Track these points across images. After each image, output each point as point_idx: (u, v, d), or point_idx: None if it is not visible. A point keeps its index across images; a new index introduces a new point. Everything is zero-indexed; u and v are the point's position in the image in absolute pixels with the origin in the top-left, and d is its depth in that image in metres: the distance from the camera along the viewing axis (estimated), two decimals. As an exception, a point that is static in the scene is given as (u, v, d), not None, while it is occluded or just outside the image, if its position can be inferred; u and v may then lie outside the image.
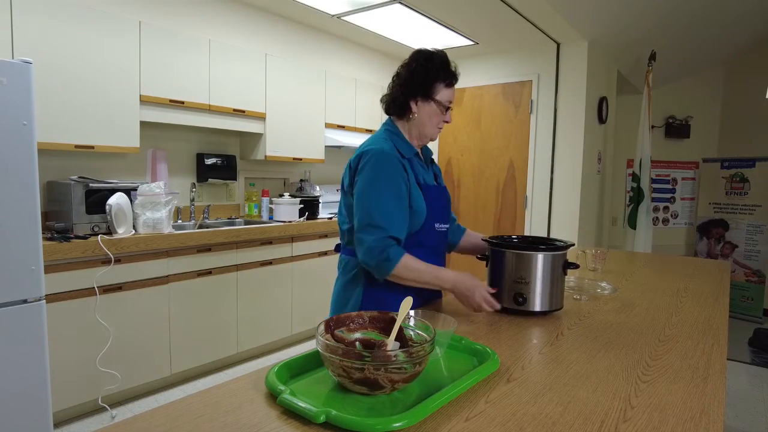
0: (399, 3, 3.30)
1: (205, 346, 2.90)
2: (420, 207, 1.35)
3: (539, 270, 1.30)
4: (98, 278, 2.37)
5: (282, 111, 3.54)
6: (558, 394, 0.84)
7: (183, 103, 2.92)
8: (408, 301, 0.93)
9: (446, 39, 4.18)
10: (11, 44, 2.24)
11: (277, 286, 3.29)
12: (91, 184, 2.51)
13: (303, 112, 3.71)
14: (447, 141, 4.91)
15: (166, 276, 2.66)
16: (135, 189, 2.65)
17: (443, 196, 1.47)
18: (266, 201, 3.59)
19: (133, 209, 2.61)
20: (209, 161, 3.38)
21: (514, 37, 4.12)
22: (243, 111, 3.26)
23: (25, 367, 1.87)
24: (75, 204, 2.44)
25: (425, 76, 1.36)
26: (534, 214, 4.40)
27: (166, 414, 0.75)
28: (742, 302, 4.63)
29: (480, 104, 4.66)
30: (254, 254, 3.11)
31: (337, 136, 3.97)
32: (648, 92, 4.40)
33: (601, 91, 4.46)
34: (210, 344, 2.92)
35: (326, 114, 3.92)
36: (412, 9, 3.41)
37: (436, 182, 1.51)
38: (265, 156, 3.46)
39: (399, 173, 1.31)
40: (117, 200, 2.49)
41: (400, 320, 0.90)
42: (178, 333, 2.74)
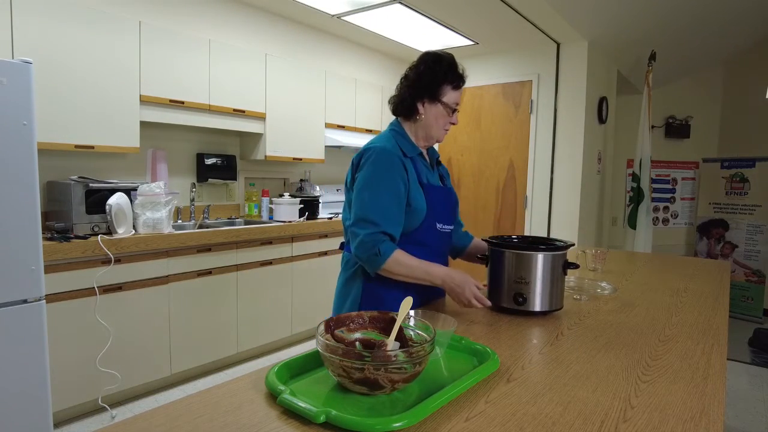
0: (399, 3, 3.30)
1: (205, 346, 2.90)
2: (419, 205, 1.35)
3: (539, 270, 1.30)
4: (98, 278, 2.37)
5: (282, 111, 3.54)
6: (558, 394, 0.84)
7: (183, 103, 2.92)
8: (408, 301, 0.93)
9: (446, 39, 4.18)
10: (11, 44, 2.24)
11: (277, 286, 3.29)
12: (91, 184, 2.51)
13: (303, 112, 3.71)
14: (447, 141, 4.90)
15: (166, 276, 2.66)
16: (135, 189, 2.65)
17: (448, 198, 1.48)
18: (266, 201, 3.59)
19: (133, 209, 2.61)
20: (209, 161, 3.38)
21: (514, 37, 4.12)
22: (243, 111, 3.26)
23: (25, 367, 1.87)
24: (75, 204, 2.44)
25: (432, 78, 1.37)
26: (534, 214, 4.40)
27: (166, 414, 0.75)
28: (742, 302, 4.63)
29: (480, 104, 4.66)
30: (254, 254, 3.11)
31: (337, 136, 3.97)
32: (648, 92, 4.40)
33: (601, 91, 4.46)
34: (210, 344, 2.92)
35: (326, 114, 3.92)
36: (412, 9, 3.41)
37: (443, 184, 1.52)
38: (265, 156, 3.46)
39: (398, 171, 1.32)
40: (117, 200, 2.49)
41: (400, 320, 0.90)
42: (178, 333, 2.74)
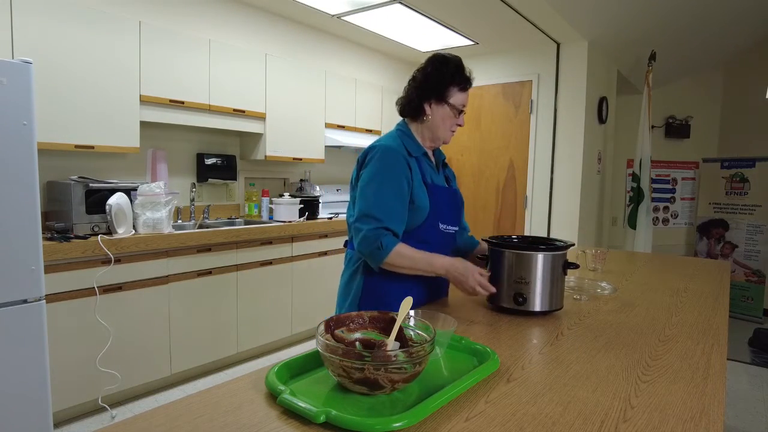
0: (399, 3, 3.30)
1: (205, 346, 2.90)
2: (422, 204, 1.37)
3: (539, 270, 1.30)
4: (98, 278, 2.37)
5: (282, 111, 3.54)
6: (558, 394, 0.84)
7: (183, 103, 2.92)
8: (408, 301, 0.94)
9: (446, 39, 4.18)
10: (11, 44, 2.24)
11: (277, 286, 3.29)
12: (91, 184, 2.51)
13: (303, 112, 3.71)
14: (447, 141, 4.90)
15: (166, 276, 2.66)
16: (135, 189, 2.65)
17: (452, 199, 1.49)
18: (266, 201, 3.59)
19: (133, 209, 2.61)
20: (209, 161, 3.38)
21: (514, 37, 4.12)
22: (243, 111, 3.26)
23: (25, 367, 1.87)
24: (75, 204, 2.44)
25: (440, 79, 1.39)
26: (534, 214, 4.40)
27: (166, 414, 0.75)
28: (742, 302, 4.63)
29: (480, 104, 4.66)
30: (254, 254, 3.11)
31: (337, 136, 3.97)
32: (648, 92, 4.40)
33: (601, 91, 4.46)
34: (210, 344, 2.92)
35: (326, 114, 3.92)
36: (412, 9, 3.41)
37: (448, 185, 1.54)
38: (265, 156, 3.46)
39: (402, 169, 1.34)
40: (117, 200, 2.49)
41: (400, 320, 0.90)
42: (178, 333, 2.74)
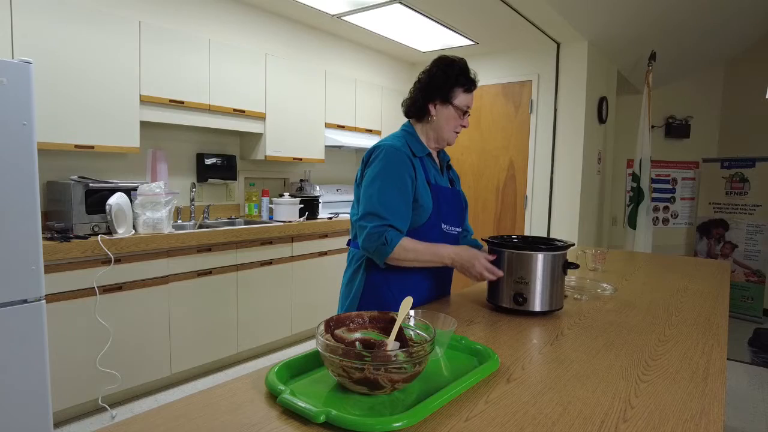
0: (399, 3, 3.30)
1: (205, 346, 2.89)
2: (426, 203, 1.39)
3: (539, 270, 1.30)
4: (98, 278, 2.37)
5: (282, 111, 3.54)
6: (558, 394, 0.84)
7: (183, 103, 2.92)
8: (408, 301, 0.94)
9: (446, 39, 4.18)
10: (11, 44, 2.24)
11: (277, 286, 3.29)
12: (91, 184, 2.51)
13: (303, 112, 3.71)
14: (447, 141, 4.90)
15: (166, 276, 2.66)
16: (135, 189, 2.65)
17: (456, 200, 1.50)
18: (266, 201, 3.59)
19: (133, 209, 2.61)
20: (209, 161, 3.38)
21: (514, 37, 4.12)
22: (243, 111, 3.26)
23: (25, 367, 1.87)
24: (75, 204, 2.44)
25: (445, 81, 1.41)
26: (534, 214, 4.40)
27: (166, 414, 0.75)
28: (742, 302, 4.63)
29: (480, 104, 4.65)
30: (254, 254, 3.11)
31: (337, 136, 3.97)
32: (648, 92, 4.40)
33: (601, 91, 4.45)
34: (210, 344, 2.92)
35: (326, 114, 3.92)
36: (412, 9, 3.41)
37: (452, 187, 1.55)
38: (265, 156, 3.46)
39: (406, 168, 1.35)
40: (117, 200, 2.49)
41: (400, 320, 0.90)
42: (178, 333, 2.74)
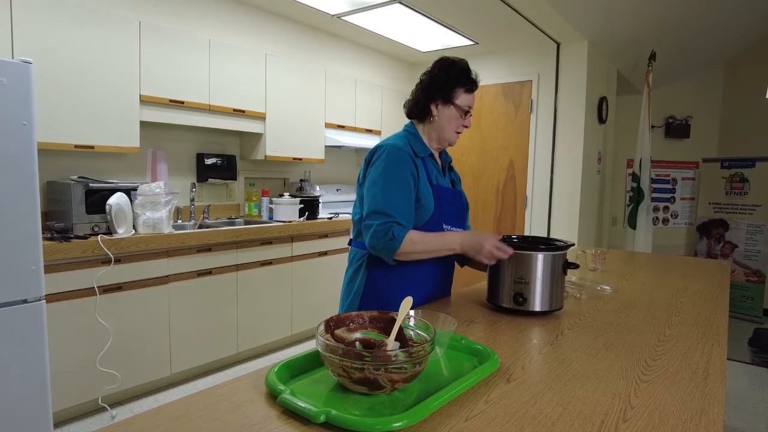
0: (399, 3, 3.30)
1: (205, 346, 2.89)
2: (428, 202, 1.39)
3: (539, 270, 1.30)
4: (98, 278, 2.37)
5: (282, 111, 3.54)
6: (558, 394, 0.84)
7: (183, 103, 2.92)
8: (408, 301, 0.94)
9: (446, 39, 4.18)
10: (11, 44, 2.24)
11: (277, 286, 3.29)
12: (91, 184, 2.51)
13: (303, 112, 3.71)
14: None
15: (166, 276, 2.66)
16: (135, 189, 2.65)
17: (457, 201, 1.51)
18: (266, 201, 3.58)
19: (133, 209, 2.61)
20: (209, 161, 3.38)
21: (514, 37, 4.12)
22: (243, 111, 3.26)
23: (25, 367, 1.87)
24: (75, 204, 2.44)
25: (446, 81, 1.42)
26: (534, 214, 4.40)
27: (166, 414, 0.75)
28: (742, 302, 4.63)
29: (480, 104, 4.65)
30: (254, 254, 3.11)
31: (337, 136, 3.97)
32: (648, 92, 4.40)
33: (601, 91, 4.45)
34: (210, 344, 2.92)
35: (326, 114, 3.92)
36: (412, 9, 3.41)
37: (453, 188, 1.56)
38: (265, 156, 3.46)
39: (408, 168, 1.36)
40: (117, 200, 2.49)
41: (400, 320, 0.90)
42: (178, 333, 2.74)
